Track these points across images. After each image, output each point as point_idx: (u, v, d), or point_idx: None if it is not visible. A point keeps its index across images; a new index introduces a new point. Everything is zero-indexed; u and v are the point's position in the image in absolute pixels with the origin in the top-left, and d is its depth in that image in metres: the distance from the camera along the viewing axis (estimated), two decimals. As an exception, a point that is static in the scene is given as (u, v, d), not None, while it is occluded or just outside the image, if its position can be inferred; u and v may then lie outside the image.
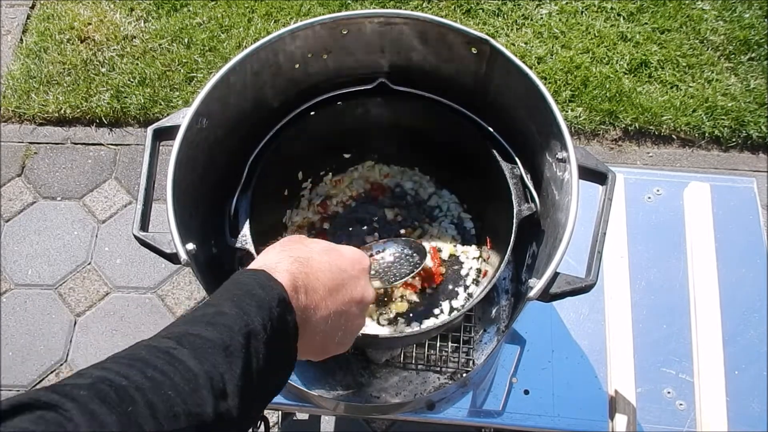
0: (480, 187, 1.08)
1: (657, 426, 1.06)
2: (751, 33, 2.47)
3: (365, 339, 0.89)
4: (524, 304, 0.77)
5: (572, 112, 2.38)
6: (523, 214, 0.92)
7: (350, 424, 1.91)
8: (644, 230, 1.24)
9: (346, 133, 1.10)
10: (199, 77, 2.49)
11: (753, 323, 1.14)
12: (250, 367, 0.49)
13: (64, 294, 2.14)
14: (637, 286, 1.18)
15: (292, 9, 2.63)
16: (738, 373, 1.09)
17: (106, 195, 2.34)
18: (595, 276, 0.76)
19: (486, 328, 1.05)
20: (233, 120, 0.94)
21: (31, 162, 2.41)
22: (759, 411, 1.06)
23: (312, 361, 1.02)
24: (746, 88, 2.38)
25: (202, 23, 2.61)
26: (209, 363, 0.46)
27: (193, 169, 0.86)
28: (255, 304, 0.52)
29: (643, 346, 1.12)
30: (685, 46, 2.48)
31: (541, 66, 2.46)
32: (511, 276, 1.10)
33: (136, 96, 2.45)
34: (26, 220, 2.29)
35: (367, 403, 0.98)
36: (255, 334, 0.50)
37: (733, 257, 1.20)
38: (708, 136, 2.34)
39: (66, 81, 2.52)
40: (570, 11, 2.59)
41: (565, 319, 1.15)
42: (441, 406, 1.05)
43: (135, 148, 2.43)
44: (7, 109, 2.48)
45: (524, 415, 1.06)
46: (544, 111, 0.84)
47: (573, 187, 0.78)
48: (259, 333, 0.51)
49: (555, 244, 0.78)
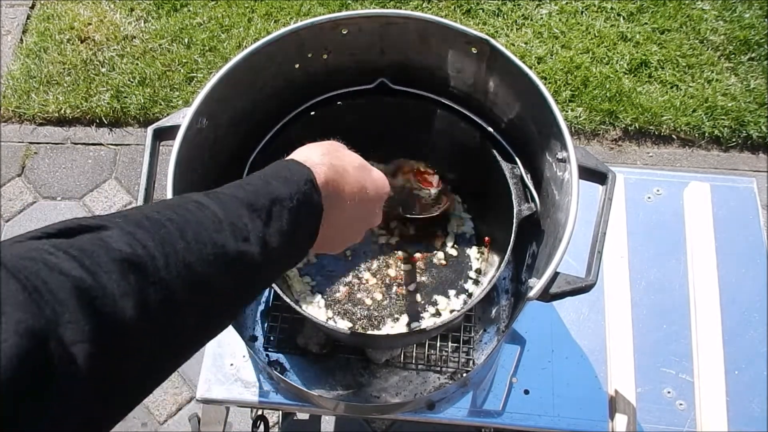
0: (480, 187, 1.08)
1: (657, 426, 1.06)
2: (751, 33, 2.47)
3: (365, 339, 0.89)
4: (524, 304, 0.78)
5: (572, 112, 2.38)
6: (523, 214, 0.92)
7: (350, 424, 1.91)
8: (644, 230, 1.24)
9: (346, 133, 1.10)
10: (199, 77, 2.49)
11: (753, 323, 1.14)
12: (271, 225, 0.52)
13: (64, 294, 2.14)
14: (637, 286, 1.18)
15: (292, 9, 2.63)
16: (738, 373, 1.09)
17: (106, 195, 2.34)
18: (595, 276, 0.76)
19: (486, 328, 1.05)
20: (233, 120, 0.94)
21: (31, 162, 2.41)
22: (759, 411, 1.06)
23: (312, 361, 1.02)
24: (746, 88, 2.38)
25: (202, 23, 2.61)
26: (234, 214, 0.50)
27: (193, 169, 0.86)
28: (283, 180, 0.56)
29: (643, 346, 1.13)
30: (685, 46, 2.48)
31: (541, 66, 2.46)
32: (511, 276, 1.10)
33: (136, 96, 2.45)
34: (26, 220, 2.29)
35: (367, 403, 0.98)
36: (280, 201, 0.53)
37: (733, 257, 1.20)
38: (708, 136, 2.34)
39: (66, 81, 2.52)
40: (570, 11, 2.59)
41: (565, 319, 1.15)
42: (441, 406, 1.05)
43: (135, 148, 2.43)
44: (7, 109, 2.48)
45: (524, 415, 1.06)
46: (544, 111, 0.84)
47: (573, 187, 0.78)
48: (284, 200, 0.53)
49: (555, 244, 0.78)
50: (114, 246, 0.40)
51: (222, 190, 0.53)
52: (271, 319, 1.06)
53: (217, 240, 0.47)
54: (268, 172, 0.58)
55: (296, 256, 0.59)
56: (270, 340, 1.04)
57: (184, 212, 0.47)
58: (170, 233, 0.45)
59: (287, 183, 0.56)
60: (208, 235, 0.47)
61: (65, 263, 0.37)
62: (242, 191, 0.53)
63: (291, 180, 0.56)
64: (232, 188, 0.54)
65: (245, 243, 0.49)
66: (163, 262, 0.42)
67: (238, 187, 0.54)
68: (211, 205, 0.49)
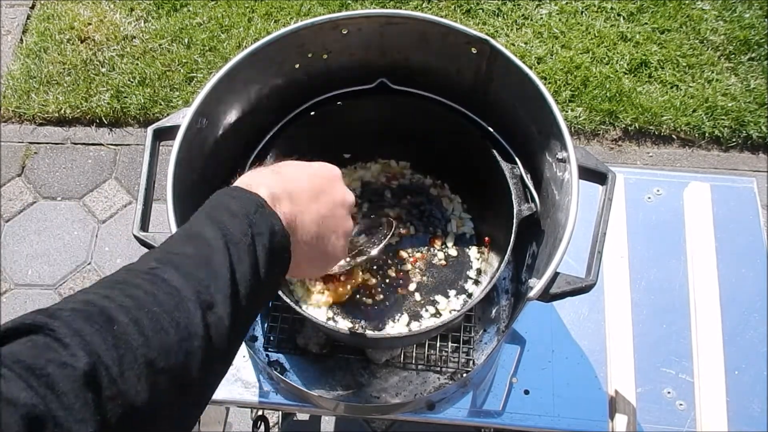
0: (480, 186, 1.08)
1: (657, 426, 1.06)
2: (751, 33, 2.47)
3: (365, 339, 0.89)
4: (524, 304, 0.77)
5: (572, 112, 2.38)
6: (523, 214, 0.92)
7: (350, 424, 1.91)
8: (644, 230, 1.24)
9: (346, 133, 1.10)
10: (199, 77, 2.49)
11: (753, 323, 1.14)
12: (235, 275, 0.48)
13: (64, 294, 2.14)
14: (637, 285, 1.18)
15: (292, 9, 2.63)
16: (738, 373, 1.09)
17: (106, 195, 2.34)
18: (595, 276, 0.76)
19: (486, 328, 1.05)
20: (233, 120, 0.94)
21: (31, 162, 2.41)
22: (759, 411, 1.06)
23: (312, 361, 1.02)
24: (746, 88, 2.38)
25: (202, 23, 2.61)
26: (193, 277, 0.46)
27: (193, 169, 0.86)
28: (228, 215, 0.51)
29: (643, 346, 1.12)
30: (685, 46, 2.48)
31: (541, 66, 2.46)
32: (511, 276, 1.10)
33: (136, 96, 2.45)
34: (26, 220, 2.29)
35: (367, 403, 0.98)
36: (234, 243, 0.49)
37: (733, 257, 1.20)
38: (708, 136, 2.34)
39: (66, 81, 2.52)
40: (570, 11, 2.59)
41: (565, 319, 1.15)
42: (441, 406, 1.05)
43: (135, 148, 2.43)
44: (7, 109, 2.48)
45: (524, 415, 1.06)
46: (544, 111, 0.84)
47: (573, 187, 0.78)
48: (238, 241, 0.49)
49: (555, 244, 0.78)
50: (64, 359, 0.37)
51: (173, 248, 0.49)
52: (271, 319, 1.06)
53: (179, 320, 0.43)
54: (214, 206, 0.53)
55: (271, 289, 0.55)
56: (270, 340, 1.04)
57: (137, 292, 0.43)
58: (124, 329, 0.40)
59: (234, 217, 0.51)
60: (169, 316, 0.43)
61: (14, 387, 0.34)
62: (194, 247, 0.48)
63: (238, 213, 0.51)
64: (182, 243, 0.49)
65: (210, 311, 0.45)
66: (118, 370, 0.38)
67: (187, 239, 0.50)
68: (166, 276, 0.45)
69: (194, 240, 0.50)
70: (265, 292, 0.53)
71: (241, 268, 0.49)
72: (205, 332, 0.44)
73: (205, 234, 0.50)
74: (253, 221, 0.51)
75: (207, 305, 0.45)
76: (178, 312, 0.43)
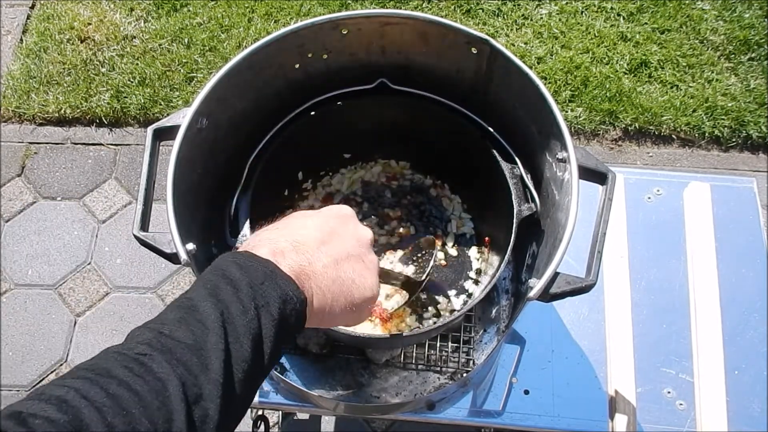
0: (480, 186, 1.08)
1: (657, 426, 1.06)
2: (751, 33, 2.47)
3: (365, 339, 0.89)
4: (524, 304, 0.77)
5: (572, 112, 2.38)
6: (523, 214, 0.92)
7: (350, 424, 1.91)
8: (644, 230, 1.24)
9: (346, 133, 1.10)
10: (199, 77, 2.49)
11: (753, 323, 1.14)
12: (230, 359, 0.46)
13: (64, 294, 2.14)
14: (637, 285, 1.18)
15: (292, 9, 2.63)
16: (738, 373, 1.09)
17: (106, 195, 2.34)
18: (595, 276, 0.76)
19: (486, 328, 1.05)
20: (233, 120, 0.94)
21: (31, 162, 2.41)
22: (759, 411, 1.06)
23: (312, 361, 1.02)
24: (746, 88, 2.38)
25: (202, 23, 2.61)
26: (182, 367, 0.44)
27: (193, 169, 0.86)
28: (231, 289, 0.49)
29: (643, 346, 1.12)
30: (685, 46, 2.48)
31: (541, 66, 2.46)
32: (511, 276, 1.10)
33: (136, 96, 2.45)
34: (26, 220, 2.29)
35: (367, 403, 0.98)
36: (232, 322, 0.47)
37: (733, 257, 1.20)
38: (708, 136, 2.34)
39: (66, 81, 2.52)
40: (570, 11, 2.59)
41: (565, 319, 1.15)
42: (441, 406, 1.05)
43: (135, 148, 2.43)
44: (7, 109, 2.48)
45: (524, 415, 1.06)
46: (544, 111, 0.84)
47: (573, 187, 0.78)
48: (237, 319, 0.47)
49: (555, 244, 0.78)
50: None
51: (165, 328, 0.46)
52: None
53: (158, 424, 0.40)
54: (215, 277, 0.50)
55: (278, 357, 0.53)
56: (270, 340, 1.04)
57: (119, 391, 0.41)
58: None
59: (237, 291, 0.48)
60: (148, 420, 0.40)
61: None
62: (188, 330, 0.46)
63: (240, 284, 0.49)
64: (176, 323, 0.47)
65: (197, 406, 0.43)
66: None
67: (182, 317, 0.47)
68: (154, 365, 0.43)
69: (190, 317, 0.47)
70: (271, 361, 0.51)
71: (238, 349, 0.47)
72: (189, 428, 0.42)
73: (201, 310, 0.48)
74: (258, 292, 0.49)
75: (194, 398, 0.43)
76: (160, 412, 0.41)
